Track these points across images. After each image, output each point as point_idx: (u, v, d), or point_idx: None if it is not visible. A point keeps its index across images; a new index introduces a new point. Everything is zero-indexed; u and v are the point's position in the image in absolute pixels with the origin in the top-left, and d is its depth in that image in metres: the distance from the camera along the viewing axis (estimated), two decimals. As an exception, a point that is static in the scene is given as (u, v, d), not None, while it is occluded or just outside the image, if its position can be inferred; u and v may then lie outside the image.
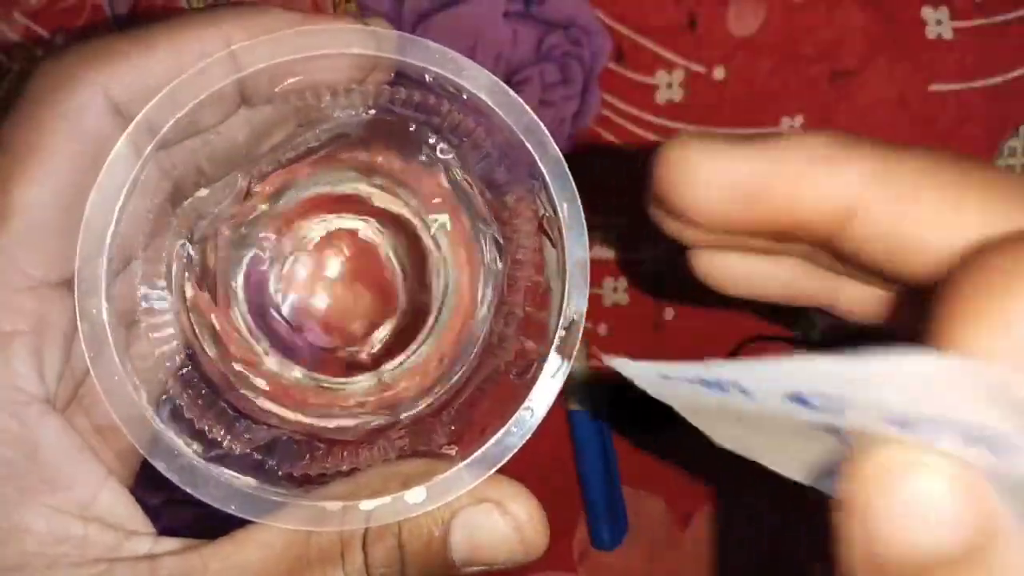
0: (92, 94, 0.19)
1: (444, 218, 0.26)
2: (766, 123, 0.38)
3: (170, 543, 0.20)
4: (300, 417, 0.24)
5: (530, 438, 0.34)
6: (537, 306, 0.23)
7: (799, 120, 0.38)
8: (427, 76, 0.21)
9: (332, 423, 0.24)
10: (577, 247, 0.21)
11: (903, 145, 0.18)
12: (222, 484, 0.19)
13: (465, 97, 0.21)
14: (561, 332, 0.21)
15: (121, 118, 0.20)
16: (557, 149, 0.21)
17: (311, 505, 0.19)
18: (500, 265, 0.24)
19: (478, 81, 0.20)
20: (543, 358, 0.21)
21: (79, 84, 0.19)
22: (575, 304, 0.21)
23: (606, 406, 0.39)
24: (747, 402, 0.20)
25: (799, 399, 0.18)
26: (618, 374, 0.30)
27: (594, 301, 0.39)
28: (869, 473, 0.15)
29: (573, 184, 0.21)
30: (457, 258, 0.26)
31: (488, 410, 0.24)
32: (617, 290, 0.39)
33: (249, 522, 0.19)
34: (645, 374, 0.21)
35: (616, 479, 0.39)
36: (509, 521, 0.20)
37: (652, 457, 0.40)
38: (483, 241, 0.25)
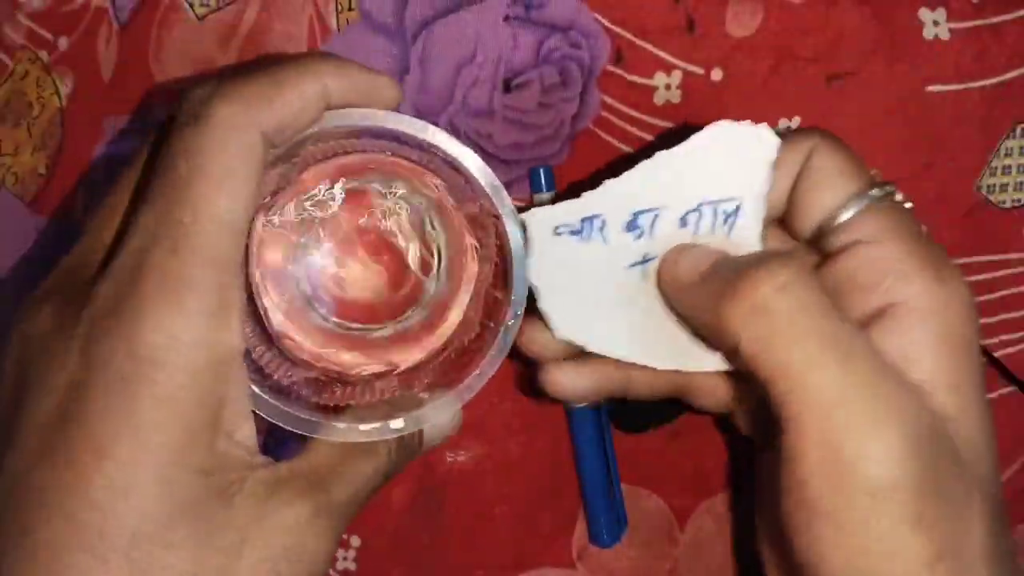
0: (256, 133, 0.26)
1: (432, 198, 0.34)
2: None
3: (270, 460, 0.28)
4: (327, 363, 0.33)
5: (528, 430, 0.38)
6: (497, 289, 0.33)
7: (796, 121, 0.38)
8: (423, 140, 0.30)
9: (350, 369, 0.34)
10: (515, 239, 0.31)
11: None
12: (282, 411, 0.29)
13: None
14: (509, 321, 0.31)
15: (270, 146, 0.27)
16: (495, 178, 0.31)
17: (346, 427, 0.29)
18: (476, 263, 0.34)
19: (448, 146, 0.30)
20: (495, 334, 0.31)
21: (248, 127, 0.26)
22: (517, 294, 0.31)
23: (606, 405, 0.39)
24: (600, 250, 0.31)
25: (634, 225, 0.31)
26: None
27: (594, 301, 0.39)
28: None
29: (507, 197, 0.31)
30: (451, 244, 0.35)
31: (454, 369, 0.33)
32: (616, 290, 0.39)
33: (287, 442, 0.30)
34: (541, 228, 0.31)
35: (616, 477, 0.40)
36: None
37: (652, 456, 0.40)
38: (467, 239, 0.34)
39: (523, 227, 0.31)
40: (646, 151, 0.31)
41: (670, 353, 0.31)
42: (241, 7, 0.39)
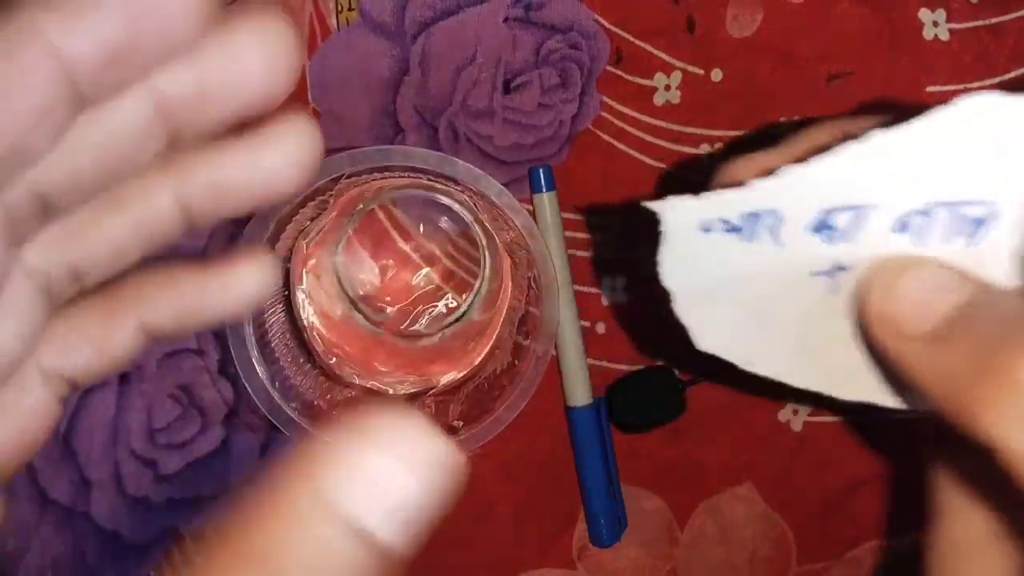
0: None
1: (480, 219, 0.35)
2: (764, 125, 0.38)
3: None
4: (366, 382, 0.34)
5: (528, 430, 0.38)
6: (530, 320, 0.31)
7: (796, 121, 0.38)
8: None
9: (388, 388, 0.34)
10: (547, 272, 0.30)
11: None
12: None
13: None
14: (539, 354, 0.29)
15: None
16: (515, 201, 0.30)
17: None
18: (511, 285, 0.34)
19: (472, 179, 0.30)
20: (526, 366, 0.29)
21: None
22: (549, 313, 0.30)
23: (606, 405, 0.39)
24: (770, 252, 0.23)
25: (824, 225, 0.22)
26: (618, 374, 0.32)
27: (593, 300, 0.39)
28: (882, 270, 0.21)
29: (535, 228, 0.30)
30: (492, 261, 0.35)
31: (487, 399, 0.32)
32: (616, 289, 0.39)
33: None
34: (683, 222, 0.23)
35: (615, 477, 0.40)
36: None
37: (652, 456, 0.40)
38: (507, 262, 0.34)
39: (655, 219, 0.23)
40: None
41: (854, 385, 0.24)
42: (240, 6, 0.39)
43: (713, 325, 0.25)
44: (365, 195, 0.35)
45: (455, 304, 0.36)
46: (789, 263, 0.23)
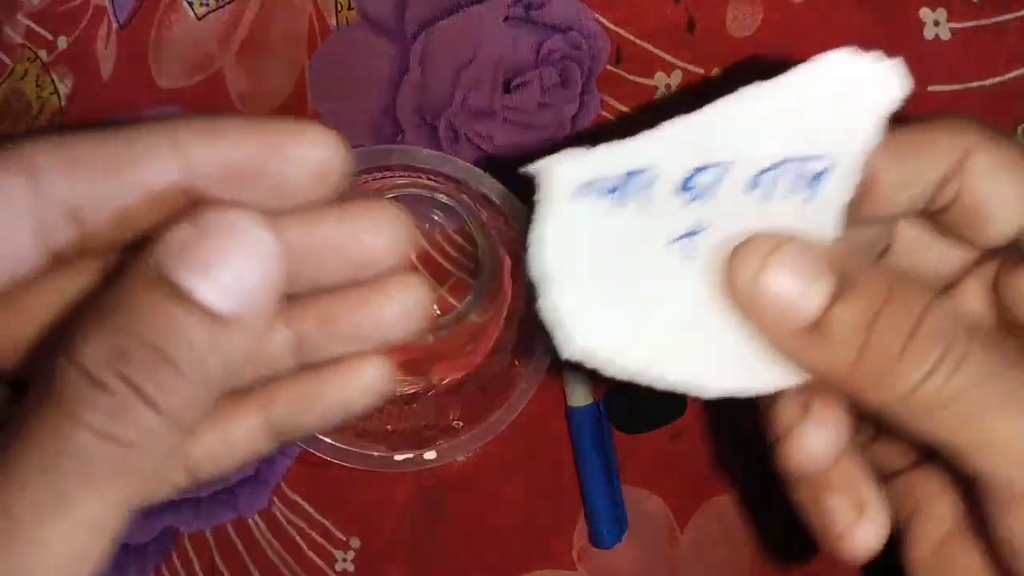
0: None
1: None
2: (764, 124, 0.38)
3: None
4: None
5: (528, 431, 0.38)
6: (531, 320, 0.29)
7: (797, 121, 0.38)
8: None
9: None
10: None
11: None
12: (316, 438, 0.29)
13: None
14: (539, 355, 0.29)
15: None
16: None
17: (379, 456, 0.30)
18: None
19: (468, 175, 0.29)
20: (525, 367, 0.29)
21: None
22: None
23: (606, 405, 0.39)
24: (635, 213, 0.21)
25: (688, 184, 0.21)
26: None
27: (594, 301, 0.39)
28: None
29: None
30: (490, 258, 0.34)
31: (487, 399, 0.31)
32: (616, 290, 0.39)
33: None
34: (561, 187, 0.21)
35: (616, 478, 0.39)
36: None
37: (652, 456, 0.40)
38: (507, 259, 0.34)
39: (532, 183, 0.22)
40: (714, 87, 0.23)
41: (724, 370, 0.23)
42: (240, 6, 0.39)
43: (585, 320, 0.22)
44: (364, 195, 0.35)
45: (453, 304, 0.36)
46: (649, 231, 0.22)
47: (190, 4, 0.40)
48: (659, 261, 0.22)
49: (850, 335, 0.21)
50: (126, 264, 0.19)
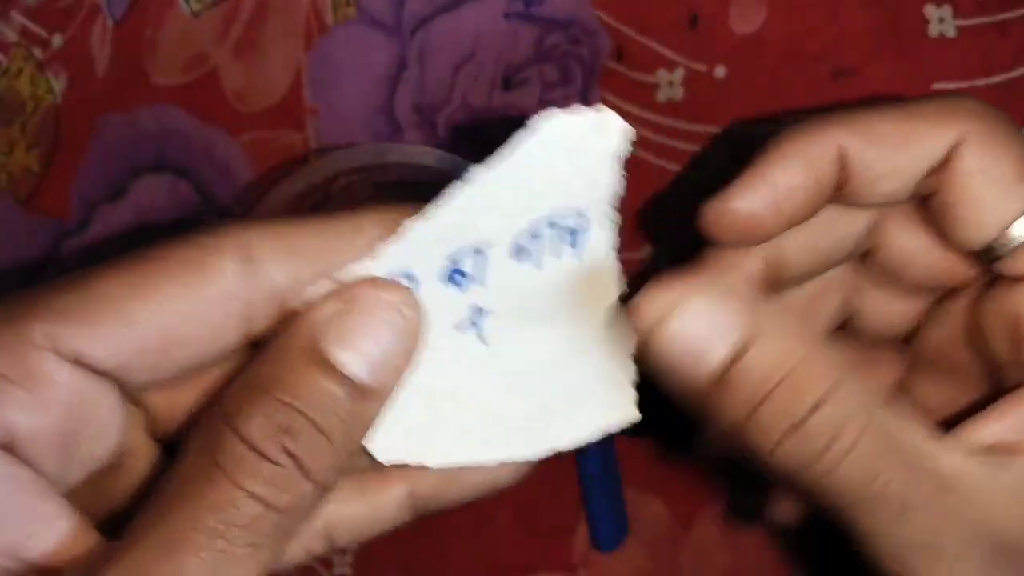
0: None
1: None
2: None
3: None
4: None
5: None
6: None
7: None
8: None
9: None
10: None
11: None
12: None
13: None
14: None
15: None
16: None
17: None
18: None
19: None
20: None
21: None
22: None
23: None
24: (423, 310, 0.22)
25: (454, 273, 0.23)
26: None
27: (595, 301, 0.39)
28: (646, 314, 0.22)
29: None
30: None
31: None
32: (618, 290, 0.39)
33: None
34: None
35: (617, 480, 0.39)
36: None
37: (654, 458, 0.40)
38: None
39: None
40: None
41: (537, 434, 0.25)
42: (236, 2, 0.39)
43: (388, 430, 0.23)
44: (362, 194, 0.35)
45: None
46: (431, 325, 0.23)
47: (185, 1, 0.39)
48: (455, 350, 0.23)
49: (750, 395, 0.21)
50: (283, 335, 0.20)
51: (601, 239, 0.23)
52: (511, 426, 0.24)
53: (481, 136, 0.38)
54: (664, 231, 0.38)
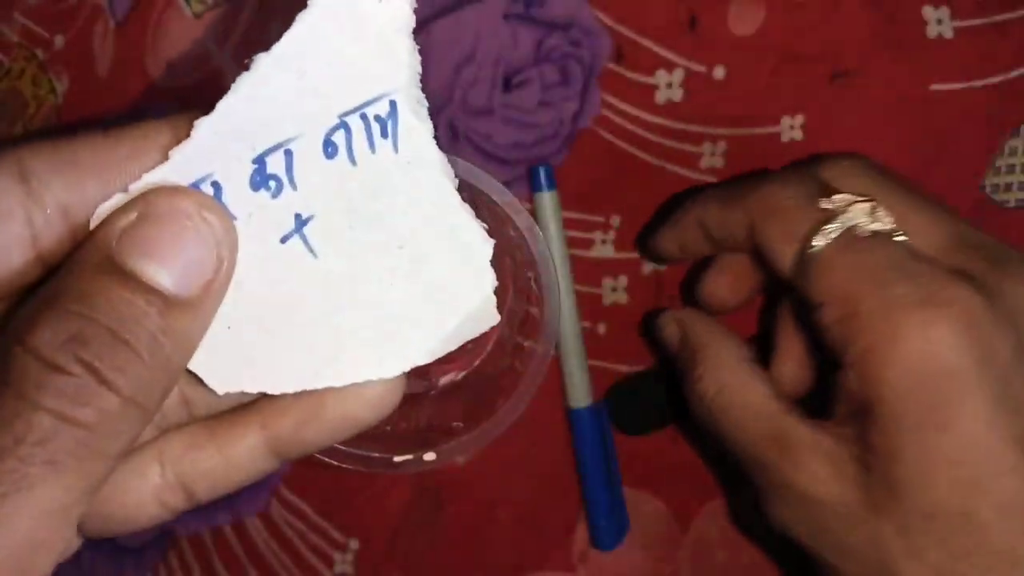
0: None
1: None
2: (766, 123, 0.38)
3: None
4: None
5: (529, 432, 0.38)
6: (532, 305, 0.31)
7: (800, 120, 0.37)
8: None
9: None
10: (547, 269, 0.30)
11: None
12: None
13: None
14: (540, 355, 0.29)
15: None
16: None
17: (379, 457, 0.29)
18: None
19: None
20: (527, 367, 0.29)
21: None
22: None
23: (607, 406, 0.39)
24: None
25: (263, 178, 0.20)
26: (619, 375, 0.32)
27: (593, 301, 0.39)
28: None
29: (530, 218, 0.30)
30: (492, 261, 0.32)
31: (488, 397, 0.31)
32: (616, 289, 0.39)
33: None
34: None
35: (616, 479, 0.39)
36: None
37: (653, 457, 0.40)
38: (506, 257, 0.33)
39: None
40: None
41: (381, 349, 0.22)
42: (238, 4, 0.39)
43: (219, 357, 0.21)
44: None
45: None
46: (252, 238, 0.20)
47: (187, 2, 0.39)
48: (282, 264, 0.21)
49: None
50: (74, 252, 0.19)
51: (415, 127, 0.21)
52: (357, 341, 0.21)
53: (481, 136, 0.38)
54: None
